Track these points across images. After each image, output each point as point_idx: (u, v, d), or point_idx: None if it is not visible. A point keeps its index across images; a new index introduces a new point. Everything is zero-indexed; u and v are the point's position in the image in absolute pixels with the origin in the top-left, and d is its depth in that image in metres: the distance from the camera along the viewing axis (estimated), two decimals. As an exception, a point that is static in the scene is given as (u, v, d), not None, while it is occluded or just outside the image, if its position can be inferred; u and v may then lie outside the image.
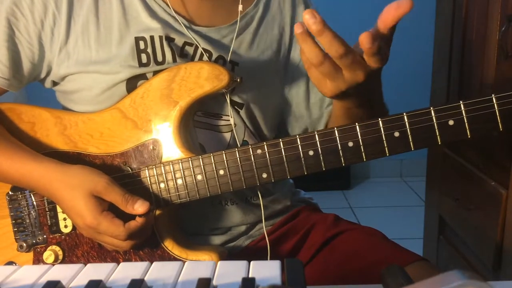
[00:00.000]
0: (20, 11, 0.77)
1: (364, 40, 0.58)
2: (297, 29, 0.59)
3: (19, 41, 0.78)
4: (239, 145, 0.84)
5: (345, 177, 2.99)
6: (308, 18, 0.57)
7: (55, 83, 0.84)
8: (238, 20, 0.84)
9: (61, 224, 0.79)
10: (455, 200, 1.33)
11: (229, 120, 0.84)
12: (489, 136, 1.10)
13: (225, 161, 0.73)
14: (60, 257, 0.79)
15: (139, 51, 0.79)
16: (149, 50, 0.79)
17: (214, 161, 0.73)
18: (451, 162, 1.36)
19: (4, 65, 0.79)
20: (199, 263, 0.47)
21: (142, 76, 0.80)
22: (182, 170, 0.75)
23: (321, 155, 0.70)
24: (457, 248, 1.39)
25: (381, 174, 3.12)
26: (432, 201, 1.56)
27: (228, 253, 0.82)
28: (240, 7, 0.85)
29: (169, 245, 0.77)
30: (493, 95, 0.65)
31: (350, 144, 0.69)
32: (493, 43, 1.11)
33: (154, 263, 0.47)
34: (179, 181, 0.75)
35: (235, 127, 0.84)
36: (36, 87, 0.88)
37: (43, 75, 0.82)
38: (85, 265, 0.48)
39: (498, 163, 1.12)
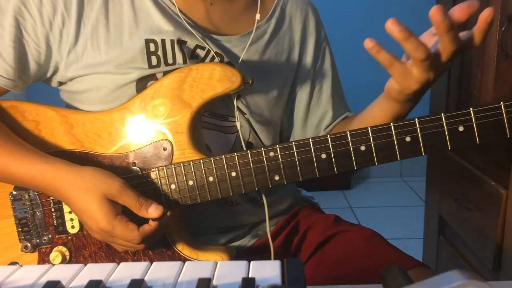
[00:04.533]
0: (28, 11, 0.75)
1: (436, 13, 0.60)
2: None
3: (26, 42, 0.77)
4: (244, 148, 0.84)
5: (345, 177, 2.99)
6: (391, 26, 0.61)
7: (61, 83, 0.83)
8: (254, 30, 0.85)
9: (68, 224, 0.78)
10: (455, 200, 1.33)
11: (235, 122, 0.84)
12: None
13: (237, 163, 0.73)
14: (68, 257, 0.78)
15: (149, 53, 0.78)
16: (160, 52, 0.78)
17: (226, 163, 0.73)
18: (451, 162, 1.36)
19: (9, 65, 0.77)
20: (199, 263, 0.47)
21: (152, 77, 0.79)
22: (193, 172, 0.74)
23: (333, 158, 0.71)
24: (457, 248, 1.39)
25: (381, 174, 3.12)
26: (432, 201, 1.56)
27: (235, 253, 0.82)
28: (258, 16, 0.85)
29: (179, 246, 0.77)
30: (501, 102, 0.67)
31: (363, 148, 0.70)
32: (493, 43, 1.11)
33: (154, 263, 0.47)
34: (190, 183, 0.75)
35: (240, 128, 0.84)
36: (36, 86, 0.87)
37: (49, 74, 0.82)
38: (85, 265, 0.48)
39: (498, 163, 1.12)
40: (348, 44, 2.58)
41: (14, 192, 0.79)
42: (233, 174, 0.73)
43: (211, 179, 0.74)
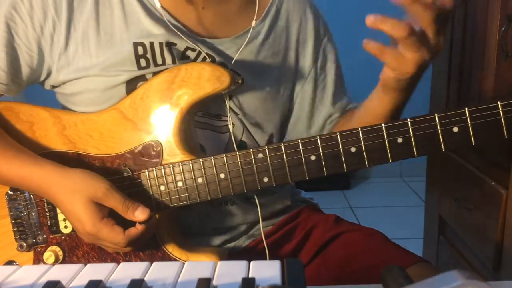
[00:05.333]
0: (19, 15, 0.76)
1: None
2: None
3: (18, 46, 0.78)
4: (235, 147, 0.83)
5: (345, 177, 2.99)
6: (368, 20, 0.61)
7: (54, 86, 0.84)
8: (248, 35, 0.84)
9: (61, 224, 0.79)
10: (455, 200, 1.33)
11: (227, 121, 0.84)
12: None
13: (226, 165, 0.72)
14: (61, 257, 0.79)
15: (137, 56, 0.78)
16: (148, 55, 0.78)
17: (214, 164, 0.73)
18: (451, 162, 1.36)
19: (2, 70, 0.78)
20: (199, 263, 0.47)
21: (142, 78, 0.79)
22: (182, 173, 0.74)
23: (323, 160, 0.69)
24: (457, 248, 1.39)
25: (381, 174, 3.12)
26: (432, 201, 1.56)
27: (228, 254, 0.82)
28: (253, 23, 0.85)
29: (170, 247, 0.77)
30: (498, 102, 0.64)
31: (353, 149, 0.68)
32: (493, 43, 1.11)
33: (154, 263, 0.47)
34: (180, 184, 0.74)
35: (233, 127, 0.84)
36: (33, 86, 0.87)
37: (42, 78, 0.82)
38: (85, 265, 0.48)
39: (498, 163, 1.12)
40: (342, 40, 2.57)
41: (10, 192, 0.80)
42: (222, 175, 0.73)
43: (200, 180, 0.74)
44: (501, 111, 0.64)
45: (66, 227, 0.79)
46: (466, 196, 1.27)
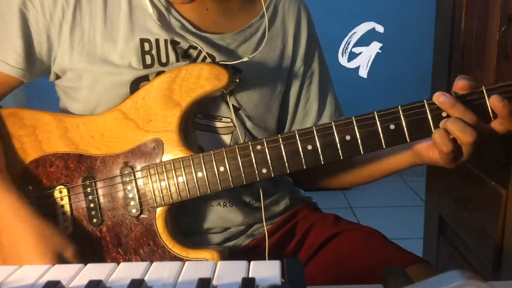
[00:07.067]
0: (31, 2, 0.78)
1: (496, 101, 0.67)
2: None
3: (30, 33, 0.79)
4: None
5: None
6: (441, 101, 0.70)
7: (58, 76, 0.84)
8: (271, 27, 0.86)
9: (62, 225, 0.79)
10: (455, 200, 1.33)
11: (228, 123, 0.84)
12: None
13: (225, 158, 0.74)
14: None
15: (143, 52, 0.79)
16: (154, 52, 0.80)
17: (214, 158, 0.75)
18: (451, 162, 1.36)
19: (19, 55, 0.80)
20: (199, 263, 0.47)
21: (145, 78, 0.80)
22: (183, 168, 0.76)
23: (319, 149, 0.72)
24: (457, 248, 1.39)
25: (381, 174, 3.11)
26: (432, 201, 1.56)
27: (228, 253, 0.82)
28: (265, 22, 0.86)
29: (170, 244, 0.78)
30: (483, 87, 0.69)
31: (348, 137, 0.71)
32: (493, 43, 1.12)
33: (154, 263, 0.47)
34: (180, 179, 0.76)
35: (234, 130, 0.85)
36: (35, 89, 0.88)
37: (51, 67, 0.83)
38: (85, 265, 0.48)
39: (498, 163, 1.12)
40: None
41: None
42: (221, 169, 0.74)
43: (200, 174, 0.75)
44: (485, 95, 0.69)
45: (67, 227, 0.79)
46: (466, 196, 1.27)
